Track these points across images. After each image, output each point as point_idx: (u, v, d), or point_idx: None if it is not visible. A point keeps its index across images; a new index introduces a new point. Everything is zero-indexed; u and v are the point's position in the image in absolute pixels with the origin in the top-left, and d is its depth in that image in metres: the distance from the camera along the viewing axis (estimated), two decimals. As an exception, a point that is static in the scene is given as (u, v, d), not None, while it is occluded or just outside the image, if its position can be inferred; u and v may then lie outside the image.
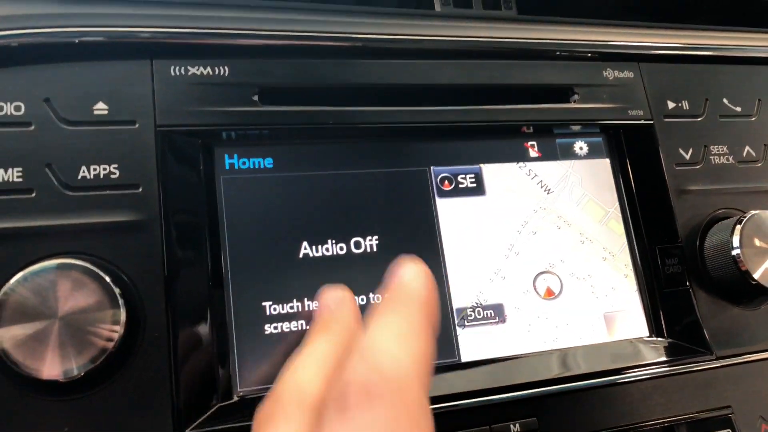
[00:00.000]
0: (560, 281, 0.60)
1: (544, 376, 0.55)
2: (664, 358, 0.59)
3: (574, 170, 0.64)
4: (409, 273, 0.37)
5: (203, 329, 0.50)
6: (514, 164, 0.62)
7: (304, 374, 0.34)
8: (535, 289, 0.59)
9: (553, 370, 0.56)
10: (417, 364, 0.32)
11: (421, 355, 0.33)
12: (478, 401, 0.53)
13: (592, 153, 0.65)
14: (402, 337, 0.33)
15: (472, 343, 0.56)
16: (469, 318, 0.56)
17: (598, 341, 0.59)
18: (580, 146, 0.65)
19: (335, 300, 0.41)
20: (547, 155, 0.63)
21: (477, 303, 0.57)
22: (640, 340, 0.61)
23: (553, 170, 0.63)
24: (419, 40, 0.60)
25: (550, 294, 0.59)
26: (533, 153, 0.63)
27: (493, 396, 0.53)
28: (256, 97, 0.54)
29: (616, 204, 0.64)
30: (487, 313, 0.57)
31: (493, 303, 0.57)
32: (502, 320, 0.57)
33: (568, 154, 0.64)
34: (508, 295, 0.58)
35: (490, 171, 0.61)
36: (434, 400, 0.52)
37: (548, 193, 0.62)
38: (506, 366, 0.56)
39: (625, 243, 0.63)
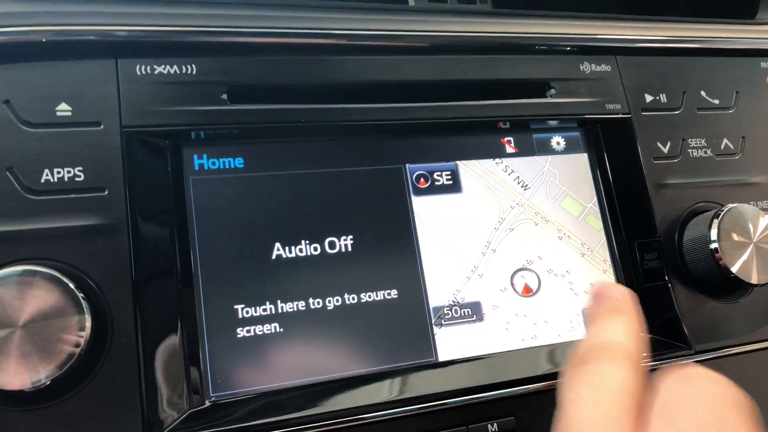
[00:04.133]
0: (538, 278, 0.59)
1: (522, 374, 0.55)
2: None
3: (551, 166, 0.63)
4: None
5: (173, 334, 0.49)
6: (490, 160, 0.61)
7: (619, 334, 0.40)
8: (513, 286, 0.59)
9: (531, 369, 0.55)
10: None
11: None
12: (455, 401, 0.52)
13: (570, 148, 0.64)
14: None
15: (450, 342, 0.55)
16: (446, 317, 0.56)
17: (577, 338, 0.59)
18: (558, 141, 0.64)
19: (623, 294, 0.44)
20: (523, 151, 0.63)
21: (454, 301, 0.56)
22: (619, 335, 0.60)
23: (530, 166, 0.62)
24: (393, 36, 0.59)
25: (528, 291, 0.59)
26: (510, 149, 0.62)
27: (470, 396, 0.53)
28: (224, 96, 0.53)
29: (594, 199, 0.63)
30: (464, 312, 0.56)
31: (470, 301, 0.57)
32: (480, 319, 0.57)
33: (546, 149, 0.63)
34: (485, 293, 0.57)
35: (466, 168, 0.60)
36: (411, 401, 0.51)
37: (525, 189, 0.61)
38: (484, 365, 0.55)
39: (604, 238, 0.63)
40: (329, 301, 0.53)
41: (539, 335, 0.58)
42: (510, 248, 0.59)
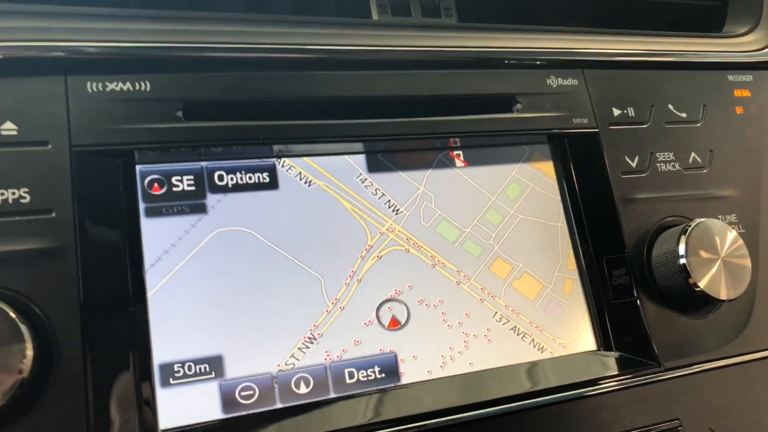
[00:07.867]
0: (407, 309, 0.55)
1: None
2: (612, 372, 0.58)
3: (426, 188, 0.59)
4: None
5: (124, 362, 0.47)
6: (358, 182, 0.57)
7: None
8: (378, 319, 0.55)
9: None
10: None
11: None
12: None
13: (536, 162, 0.63)
14: None
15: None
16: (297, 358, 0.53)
17: (450, 374, 0.55)
18: (525, 155, 0.63)
19: None
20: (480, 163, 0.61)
21: (310, 338, 0.53)
22: (587, 353, 0.59)
23: (402, 188, 0.58)
24: (356, 51, 0.58)
25: (395, 324, 0.55)
26: (459, 162, 0.61)
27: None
28: (180, 113, 0.51)
29: (562, 215, 0.63)
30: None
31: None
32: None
33: (510, 163, 0.62)
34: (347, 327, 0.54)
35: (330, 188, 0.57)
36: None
37: (396, 213, 0.57)
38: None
39: (482, 265, 0.59)
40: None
41: (407, 372, 0.54)
42: (377, 278, 0.55)
